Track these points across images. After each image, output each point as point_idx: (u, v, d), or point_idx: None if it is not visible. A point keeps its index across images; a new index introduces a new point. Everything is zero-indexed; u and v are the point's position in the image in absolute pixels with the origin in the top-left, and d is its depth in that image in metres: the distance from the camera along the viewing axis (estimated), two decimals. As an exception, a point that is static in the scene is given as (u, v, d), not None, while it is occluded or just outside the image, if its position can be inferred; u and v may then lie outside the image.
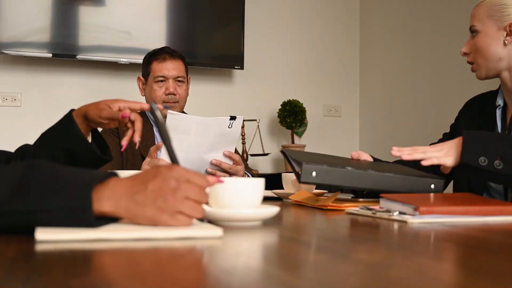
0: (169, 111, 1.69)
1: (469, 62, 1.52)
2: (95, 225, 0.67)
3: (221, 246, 0.67)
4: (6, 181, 0.68)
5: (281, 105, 3.30)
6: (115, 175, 0.73)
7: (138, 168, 1.78)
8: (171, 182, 0.70)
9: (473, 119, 1.56)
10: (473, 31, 1.49)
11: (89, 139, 1.20)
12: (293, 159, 1.18)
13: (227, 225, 0.83)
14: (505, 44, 1.44)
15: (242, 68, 3.24)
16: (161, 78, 2.04)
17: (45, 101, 3.00)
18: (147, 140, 1.96)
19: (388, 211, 0.99)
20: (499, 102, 1.51)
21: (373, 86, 3.61)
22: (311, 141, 3.54)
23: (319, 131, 3.61)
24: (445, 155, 1.20)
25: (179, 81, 2.06)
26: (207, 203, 0.85)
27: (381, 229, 0.87)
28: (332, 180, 1.11)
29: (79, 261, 0.56)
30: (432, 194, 1.12)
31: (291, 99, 3.30)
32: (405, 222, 0.91)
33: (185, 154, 1.64)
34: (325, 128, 3.65)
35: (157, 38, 3.06)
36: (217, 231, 0.71)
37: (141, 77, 2.14)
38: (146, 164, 1.67)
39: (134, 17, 3.02)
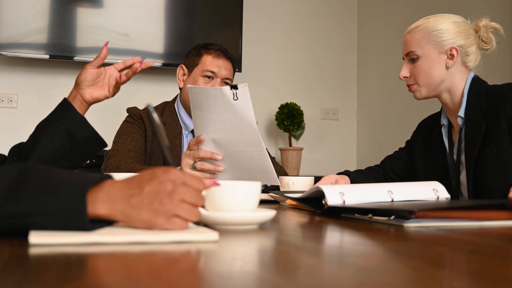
0: (188, 85, 1.50)
1: (408, 85, 1.59)
2: (90, 229, 0.67)
3: (217, 250, 0.66)
4: None
5: (279, 108, 3.30)
6: (110, 177, 0.72)
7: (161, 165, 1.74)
8: (167, 185, 0.69)
9: (424, 138, 1.69)
10: (413, 58, 1.55)
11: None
12: (306, 195, 1.19)
13: (223, 229, 0.83)
14: (447, 67, 1.52)
15: (240, 70, 3.24)
16: (210, 74, 1.89)
17: (41, 102, 2.99)
18: (174, 148, 1.87)
19: (384, 215, 0.99)
20: (444, 121, 1.62)
21: (370, 89, 3.61)
22: (309, 144, 3.54)
23: (316, 134, 3.61)
24: None
25: (225, 83, 1.92)
26: (203, 207, 0.85)
27: (377, 233, 0.86)
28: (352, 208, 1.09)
29: (73, 265, 0.55)
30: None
31: (288, 102, 3.30)
32: (401, 226, 0.91)
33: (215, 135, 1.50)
34: (322, 131, 3.65)
35: (155, 40, 3.06)
36: (213, 235, 0.71)
37: (184, 67, 1.97)
38: (186, 156, 1.56)
39: (132, 19, 3.02)
